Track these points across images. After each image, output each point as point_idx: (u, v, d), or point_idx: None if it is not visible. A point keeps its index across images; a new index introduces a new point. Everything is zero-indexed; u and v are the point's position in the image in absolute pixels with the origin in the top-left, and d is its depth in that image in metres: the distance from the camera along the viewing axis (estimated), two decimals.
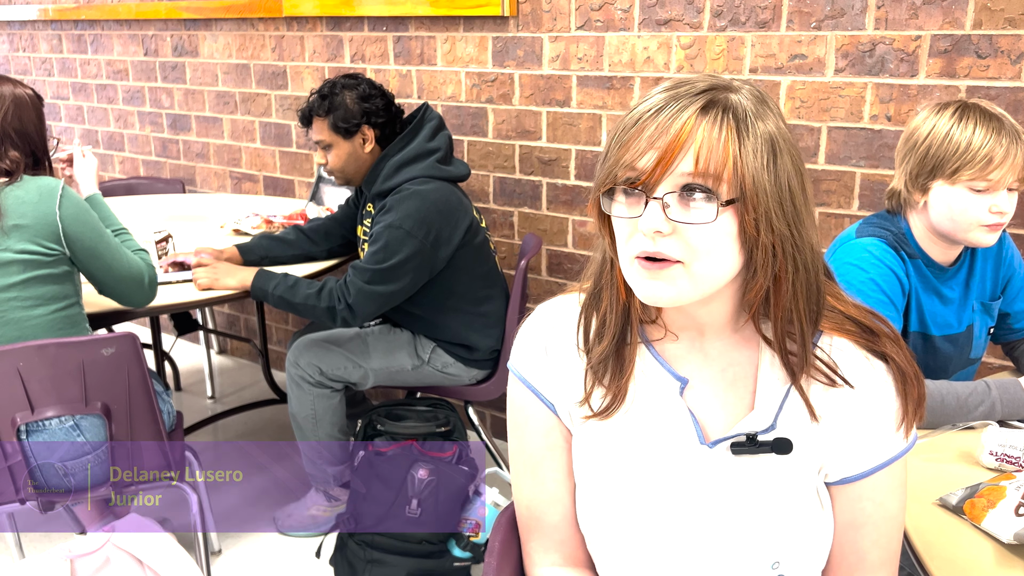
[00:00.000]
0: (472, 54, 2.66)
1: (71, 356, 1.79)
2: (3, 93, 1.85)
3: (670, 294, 0.87)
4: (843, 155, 2.13)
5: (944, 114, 1.50)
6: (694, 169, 0.84)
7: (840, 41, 2.08)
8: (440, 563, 2.11)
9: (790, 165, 0.87)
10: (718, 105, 0.85)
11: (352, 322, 2.19)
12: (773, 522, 0.95)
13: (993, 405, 1.44)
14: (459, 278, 2.27)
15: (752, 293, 0.90)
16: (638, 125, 0.86)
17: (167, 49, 3.52)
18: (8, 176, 1.83)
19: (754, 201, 0.84)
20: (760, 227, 0.85)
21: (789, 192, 0.87)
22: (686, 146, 0.84)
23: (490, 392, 2.41)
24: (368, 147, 2.28)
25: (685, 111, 0.84)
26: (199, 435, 3.07)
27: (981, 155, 1.43)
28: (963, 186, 1.47)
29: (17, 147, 1.85)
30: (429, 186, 2.18)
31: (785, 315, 0.91)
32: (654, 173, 0.85)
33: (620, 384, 0.97)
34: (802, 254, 0.89)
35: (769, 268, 0.88)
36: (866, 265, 1.55)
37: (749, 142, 0.84)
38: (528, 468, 1.05)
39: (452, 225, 2.19)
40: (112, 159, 3.94)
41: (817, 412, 0.95)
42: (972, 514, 1.20)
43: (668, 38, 2.30)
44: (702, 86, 0.87)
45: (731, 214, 0.85)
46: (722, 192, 0.84)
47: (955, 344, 1.64)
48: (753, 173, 0.84)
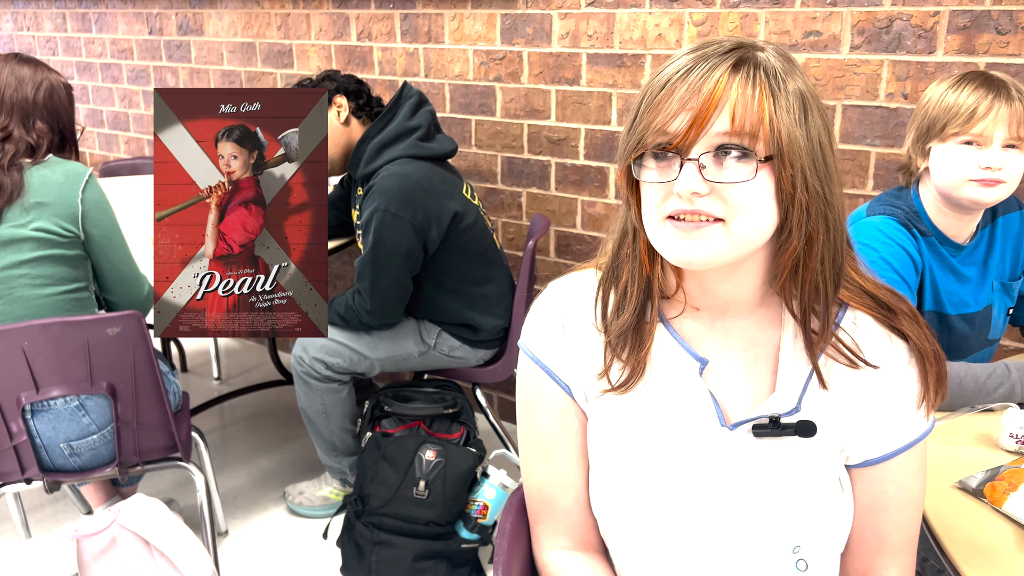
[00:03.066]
0: (480, 31, 2.62)
1: (76, 335, 1.78)
2: (39, 75, 1.91)
3: (705, 254, 0.85)
4: (858, 134, 2.10)
5: (946, 81, 1.52)
6: (730, 128, 0.82)
7: (856, 17, 2.04)
8: (447, 545, 2.10)
9: (820, 122, 0.86)
10: (749, 62, 0.84)
11: (387, 321, 2.24)
12: (794, 506, 0.93)
13: (1013, 387, 1.42)
14: (456, 258, 2.25)
15: (786, 255, 0.88)
16: (667, 88, 0.84)
17: (172, 28, 3.48)
18: (33, 153, 1.85)
19: (790, 157, 0.83)
20: (796, 183, 0.84)
21: (820, 149, 0.85)
22: (720, 105, 0.82)
23: (498, 374, 2.39)
24: (343, 115, 2.28)
25: (716, 70, 0.83)
26: (205, 416, 3.06)
27: (964, 108, 1.45)
28: (952, 142, 1.48)
29: (45, 121, 1.89)
30: (410, 167, 2.15)
31: (812, 279, 0.89)
32: (688, 135, 0.83)
33: (639, 357, 0.95)
34: (833, 212, 0.87)
35: (804, 227, 0.86)
36: (877, 244, 1.52)
37: (782, 98, 0.83)
38: (541, 450, 1.03)
39: (439, 202, 2.16)
40: (117, 139, 3.92)
41: (836, 389, 0.93)
42: (993, 497, 1.17)
43: (680, 15, 2.26)
44: (729, 45, 0.85)
45: (768, 172, 0.84)
46: (758, 149, 0.83)
47: (972, 324, 1.62)
48: (788, 129, 0.83)
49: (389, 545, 2.09)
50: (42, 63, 1.95)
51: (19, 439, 1.84)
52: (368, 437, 2.20)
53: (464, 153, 2.77)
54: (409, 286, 2.22)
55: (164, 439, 1.96)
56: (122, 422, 1.88)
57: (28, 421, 1.83)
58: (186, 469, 2.04)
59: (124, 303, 1.98)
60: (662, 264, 0.94)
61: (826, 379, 0.93)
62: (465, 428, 2.24)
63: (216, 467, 2.69)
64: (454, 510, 2.10)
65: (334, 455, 2.41)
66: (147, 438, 1.94)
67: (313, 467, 2.68)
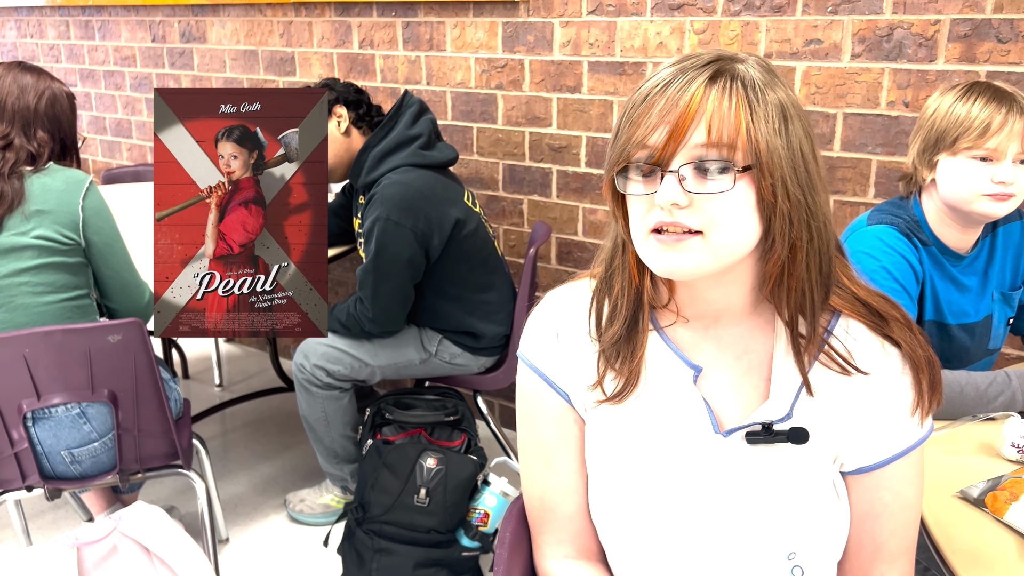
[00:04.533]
0: (482, 39, 2.63)
1: (77, 343, 1.78)
2: (41, 84, 1.92)
3: (686, 265, 0.86)
4: (859, 142, 2.10)
5: (953, 92, 1.51)
6: (707, 140, 0.83)
7: (857, 25, 2.04)
8: (448, 552, 2.10)
9: (801, 131, 0.87)
10: (726, 75, 0.85)
11: (389, 329, 2.24)
12: (789, 512, 0.93)
13: (1014, 395, 1.42)
14: (458, 266, 2.25)
15: (771, 264, 0.89)
16: (647, 102, 0.85)
17: (175, 35, 3.49)
18: (33, 161, 1.86)
19: (769, 166, 0.84)
20: (777, 193, 0.84)
21: (802, 158, 0.86)
22: (697, 117, 0.83)
23: (499, 381, 2.39)
24: (343, 125, 2.28)
25: (693, 83, 0.84)
26: (206, 423, 3.06)
27: (978, 123, 1.44)
28: (964, 156, 1.47)
29: (46, 130, 1.89)
30: (411, 175, 2.16)
31: (799, 286, 0.89)
32: (667, 148, 0.84)
33: (632, 367, 0.95)
34: (816, 220, 0.88)
35: (787, 236, 0.86)
36: (877, 253, 1.52)
37: (760, 108, 0.84)
38: (541, 458, 1.03)
39: (440, 210, 2.16)
40: (119, 146, 3.93)
41: (829, 396, 0.93)
42: (994, 507, 1.17)
43: (681, 23, 2.27)
44: (708, 58, 0.86)
45: (748, 182, 0.84)
46: (737, 160, 0.83)
47: (972, 334, 1.62)
48: (767, 139, 0.83)
49: (390, 553, 2.09)
50: (45, 71, 1.96)
51: (20, 446, 1.84)
52: (369, 444, 2.20)
53: (466, 160, 2.77)
54: (411, 294, 2.22)
55: (165, 446, 1.96)
56: (123, 429, 1.89)
57: (29, 428, 1.83)
58: (187, 476, 2.04)
59: (125, 310, 1.98)
60: (652, 275, 0.95)
61: (818, 387, 0.93)
62: (466, 435, 2.24)
63: (217, 474, 2.69)
64: (455, 518, 2.10)
65: (335, 462, 2.40)
66: (148, 445, 1.94)
67: (314, 474, 2.68)
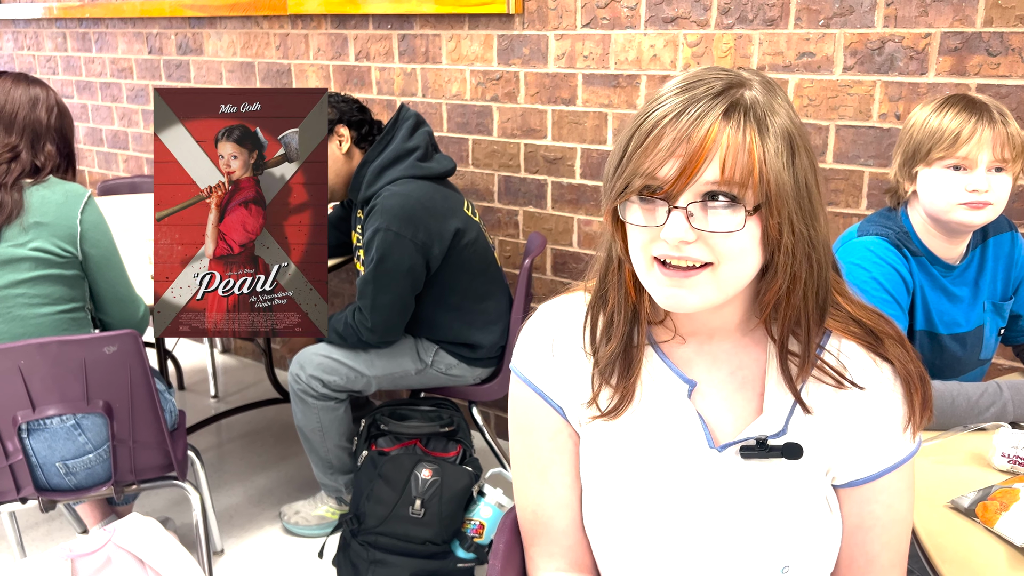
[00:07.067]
0: (477, 52, 2.65)
1: (73, 354, 1.78)
2: (52, 98, 1.94)
3: (694, 301, 0.86)
4: (851, 154, 2.11)
5: (930, 105, 1.53)
6: (719, 177, 0.81)
7: (849, 39, 2.06)
8: (443, 564, 2.10)
9: (806, 161, 0.86)
10: (739, 107, 0.82)
11: (387, 339, 2.24)
12: (782, 526, 0.93)
13: (1005, 406, 1.43)
14: (458, 276, 2.26)
15: (770, 294, 0.88)
16: (656, 132, 0.83)
17: (171, 47, 3.51)
18: (35, 174, 1.86)
19: (778, 205, 0.83)
20: (783, 230, 0.84)
21: (807, 190, 0.85)
22: (710, 155, 0.81)
23: (495, 392, 2.40)
24: (344, 147, 2.28)
25: (707, 116, 0.81)
26: (202, 434, 3.06)
27: (948, 133, 1.47)
28: (938, 166, 1.49)
29: (55, 144, 1.91)
30: (410, 186, 2.17)
31: (794, 313, 0.89)
32: (677, 183, 0.82)
33: (628, 384, 0.95)
34: (817, 252, 0.87)
35: (789, 269, 0.86)
36: (868, 264, 1.53)
37: (771, 143, 0.82)
38: (535, 472, 1.03)
39: (440, 220, 2.17)
40: (116, 157, 3.93)
41: (822, 411, 0.93)
42: (985, 517, 1.18)
43: (675, 36, 2.29)
44: (719, 86, 0.84)
45: (755, 220, 0.84)
46: (747, 198, 0.82)
47: (963, 344, 1.62)
48: (776, 176, 0.82)
49: (385, 564, 2.09)
50: (48, 85, 1.97)
51: (15, 458, 1.84)
52: (364, 455, 2.20)
53: (461, 172, 2.78)
54: (411, 304, 2.23)
55: (160, 458, 1.96)
56: (118, 441, 1.88)
57: (24, 440, 1.83)
58: (182, 488, 2.04)
59: (120, 324, 1.99)
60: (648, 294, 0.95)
61: (811, 402, 0.93)
62: (461, 446, 2.24)
63: (212, 485, 2.69)
64: (450, 529, 2.10)
65: (330, 473, 2.40)
66: (143, 457, 1.94)
67: (309, 486, 2.68)
